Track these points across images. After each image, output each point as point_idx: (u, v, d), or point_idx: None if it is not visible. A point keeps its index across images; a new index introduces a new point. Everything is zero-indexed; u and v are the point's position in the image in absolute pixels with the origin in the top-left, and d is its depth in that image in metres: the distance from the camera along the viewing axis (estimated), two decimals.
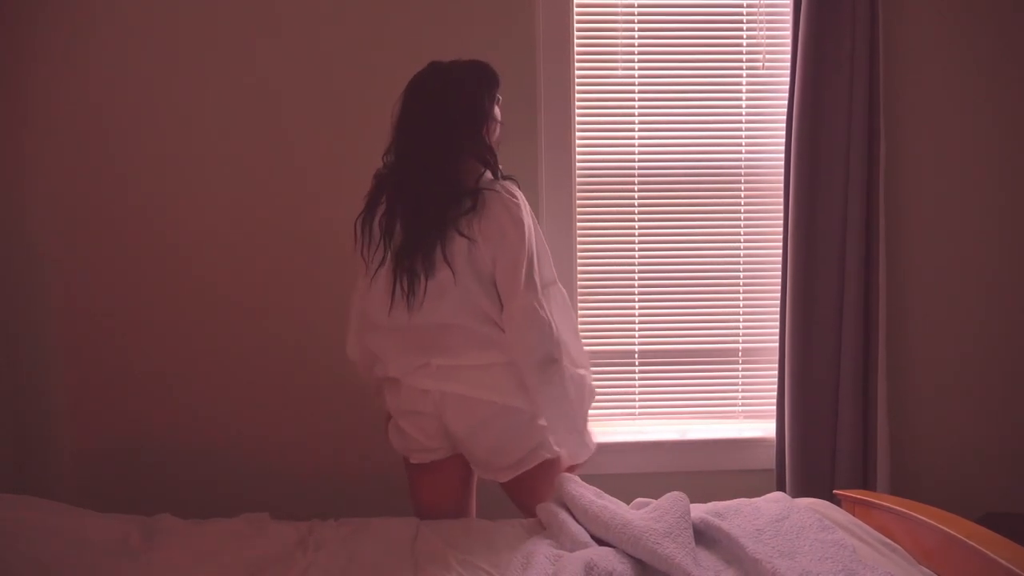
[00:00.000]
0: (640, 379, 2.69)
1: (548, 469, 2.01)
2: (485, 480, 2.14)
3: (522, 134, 2.51)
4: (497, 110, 1.97)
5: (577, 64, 2.54)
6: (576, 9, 2.51)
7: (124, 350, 2.55)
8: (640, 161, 2.60)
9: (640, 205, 2.61)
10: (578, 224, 2.60)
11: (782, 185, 2.52)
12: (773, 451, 2.59)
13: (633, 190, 2.61)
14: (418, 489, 2.11)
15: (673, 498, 1.78)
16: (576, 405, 2.00)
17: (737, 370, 2.70)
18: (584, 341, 2.23)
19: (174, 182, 2.50)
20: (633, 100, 2.57)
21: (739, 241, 2.64)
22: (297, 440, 2.60)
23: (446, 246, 1.85)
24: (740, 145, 2.60)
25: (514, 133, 2.48)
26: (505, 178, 1.94)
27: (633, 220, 2.62)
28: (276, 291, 2.55)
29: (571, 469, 2.08)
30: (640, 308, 2.66)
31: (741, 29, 2.57)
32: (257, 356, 2.56)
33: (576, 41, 2.52)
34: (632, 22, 2.55)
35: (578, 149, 2.58)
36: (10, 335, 2.52)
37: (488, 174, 1.92)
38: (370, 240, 1.94)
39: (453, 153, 1.86)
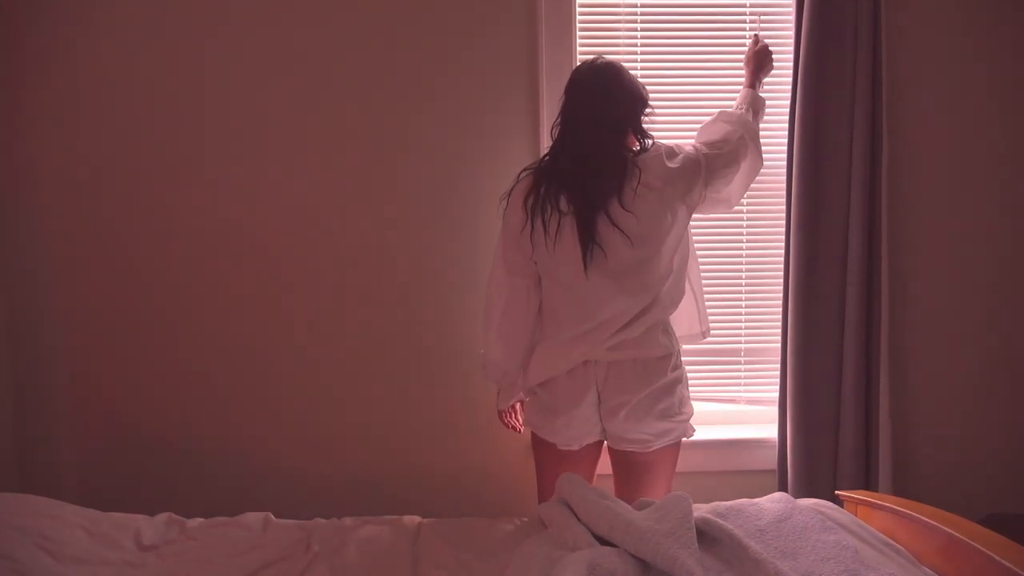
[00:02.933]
0: None
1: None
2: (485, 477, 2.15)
3: (524, 130, 2.51)
4: None
5: (579, 62, 2.53)
6: (579, 8, 2.51)
7: (126, 350, 2.55)
8: None
9: None
10: None
11: (784, 184, 2.51)
12: (775, 452, 2.59)
13: None
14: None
15: (676, 498, 1.78)
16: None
17: (739, 370, 2.70)
18: None
19: (176, 181, 2.50)
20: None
21: (741, 241, 2.64)
22: (300, 440, 2.60)
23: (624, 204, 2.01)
24: None
25: (516, 129, 2.49)
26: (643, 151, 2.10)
27: None
28: (278, 291, 2.55)
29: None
30: None
31: (744, 27, 2.56)
32: (259, 355, 2.57)
33: (579, 39, 2.52)
34: (635, 20, 2.54)
35: None
36: (12, 334, 2.52)
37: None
38: (544, 226, 2.02)
39: (624, 133, 2.06)
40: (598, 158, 2.00)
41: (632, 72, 2.10)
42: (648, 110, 2.08)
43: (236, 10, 2.45)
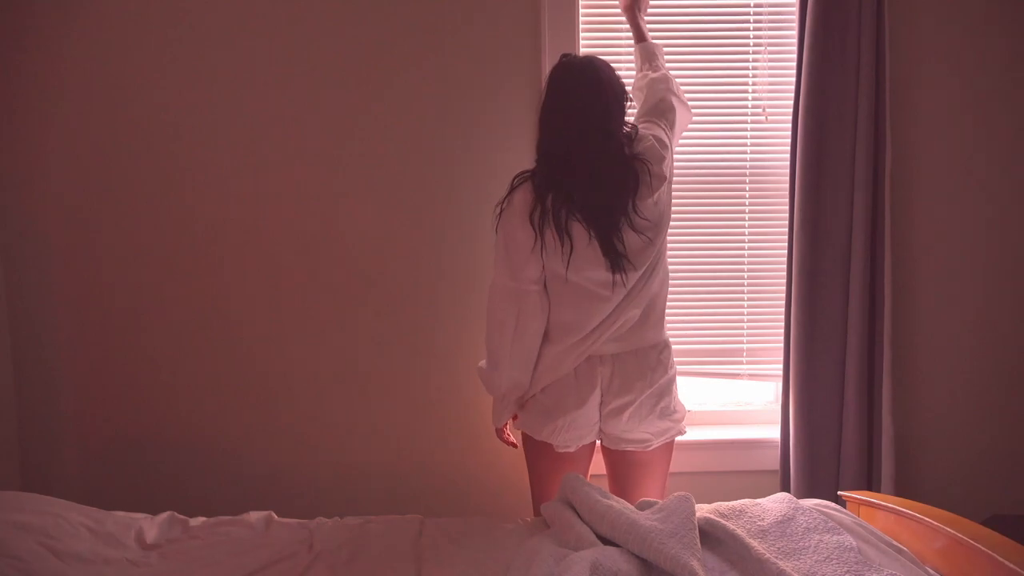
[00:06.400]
0: None
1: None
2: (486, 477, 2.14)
3: (525, 130, 2.50)
4: None
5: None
6: (582, 10, 2.51)
7: (129, 349, 2.55)
8: None
9: None
10: None
11: (787, 186, 2.51)
12: (778, 452, 2.59)
13: None
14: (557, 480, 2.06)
15: (679, 498, 1.78)
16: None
17: (741, 373, 2.69)
18: None
19: (181, 180, 2.50)
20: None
21: (744, 241, 2.63)
22: (302, 439, 2.60)
23: (637, 208, 1.99)
24: (745, 145, 2.60)
25: (518, 132, 2.49)
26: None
27: None
28: (279, 291, 2.55)
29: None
30: None
31: (748, 29, 2.56)
32: (260, 354, 2.57)
33: (582, 42, 2.52)
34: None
35: None
36: (15, 333, 2.52)
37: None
38: (554, 237, 1.98)
39: (617, 131, 2.01)
40: (605, 168, 1.97)
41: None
42: (628, 101, 2.07)
43: (234, 8, 2.45)
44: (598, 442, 2.18)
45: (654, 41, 2.34)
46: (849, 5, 2.39)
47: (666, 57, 2.55)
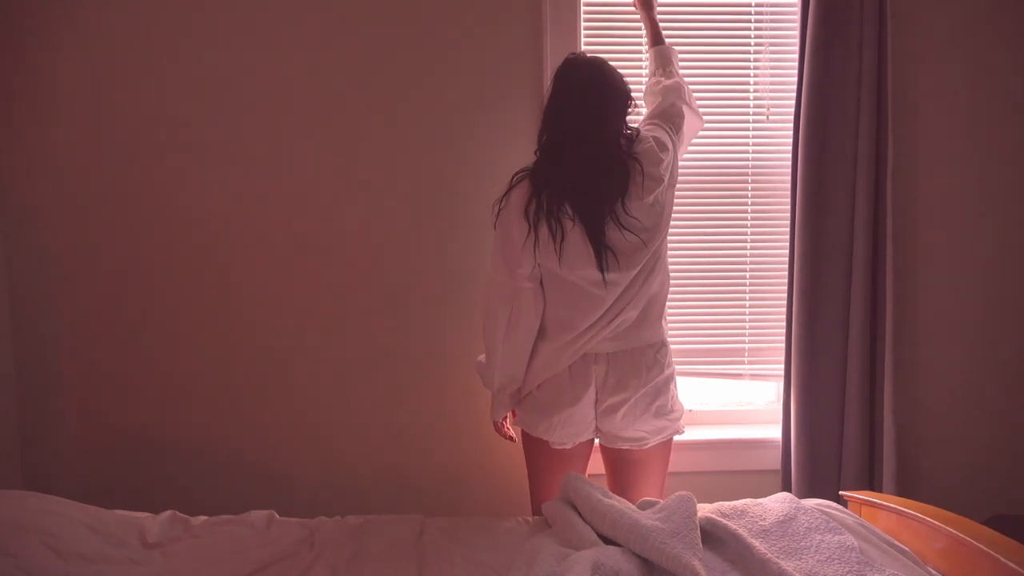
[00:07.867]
0: None
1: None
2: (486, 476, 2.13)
3: (528, 132, 2.50)
4: None
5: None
6: (583, 10, 2.51)
7: (129, 348, 2.55)
8: None
9: None
10: None
11: (789, 185, 2.51)
12: (779, 451, 2.58)
13: None
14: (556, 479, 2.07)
15: (680, 498, 1.79)
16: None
17: (743, 372, 2.69)
18: None
19: (181, 180, 2.50)
20: (640, 100, 2.56)
21: (746, 240, 2.63)
22: (303, 439, 2.60)
23: (627, 206, 2.00)
24: (747, 144, 2.59)
25: (520, 132, 2.49)
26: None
27: None
28: (279, 292, 2.55)
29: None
30: None
31: (749, 28, 2.56)
32: (261, 354, 2.57)
33: (583, 42, 2.52)
34: (639, 22, 2.54)
35: None
36: (16, 332, 2.53)
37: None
38: (551, 235, 1.99)
39: (617, 130, 2.03)
40: (604, 161, 1.98)
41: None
42: (631, 102, 2.07)
43: (233, 8, 2.45)
44: (597, 441, 2.19)
45: (669, 44, 2.34)
46: (851, 3, 2.38)
47: None
